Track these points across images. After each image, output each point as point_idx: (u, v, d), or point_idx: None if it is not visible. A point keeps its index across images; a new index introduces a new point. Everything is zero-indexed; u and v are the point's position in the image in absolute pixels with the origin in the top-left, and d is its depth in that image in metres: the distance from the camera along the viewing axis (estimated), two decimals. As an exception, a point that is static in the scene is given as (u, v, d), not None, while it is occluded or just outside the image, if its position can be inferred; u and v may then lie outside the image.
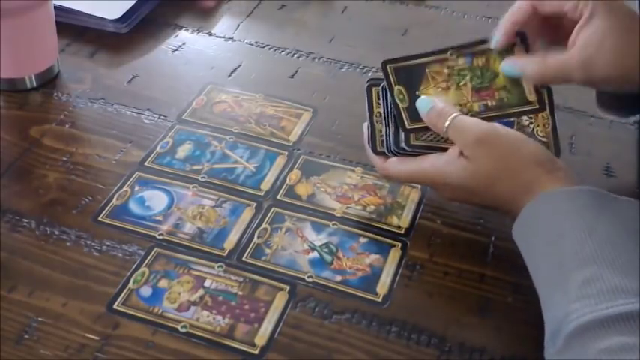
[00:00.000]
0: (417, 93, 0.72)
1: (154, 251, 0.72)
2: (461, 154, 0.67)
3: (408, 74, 0.73)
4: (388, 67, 0.73)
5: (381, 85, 0.74)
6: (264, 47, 1.01)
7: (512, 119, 0.73)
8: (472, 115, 0.69)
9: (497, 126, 0.67)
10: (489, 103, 0.71)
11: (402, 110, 0.72)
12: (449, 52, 0.74)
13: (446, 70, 0.73)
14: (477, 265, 0.71)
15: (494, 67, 0.72)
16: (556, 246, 0.59)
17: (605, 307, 0.54)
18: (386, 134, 0.73)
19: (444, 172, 0.68)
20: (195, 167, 0.81)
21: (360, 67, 0.97)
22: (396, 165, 0.72)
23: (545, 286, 0.61)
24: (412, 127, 0.71)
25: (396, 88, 0.72)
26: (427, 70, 0.73)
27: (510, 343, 0.67)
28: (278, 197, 0.78)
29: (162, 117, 0.88)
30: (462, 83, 0.72)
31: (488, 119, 0.69)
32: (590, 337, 0.54)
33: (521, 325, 0.68)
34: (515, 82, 0.71)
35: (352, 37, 1.04)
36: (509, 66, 0.71)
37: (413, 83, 0.73)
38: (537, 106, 0.71)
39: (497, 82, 0.72)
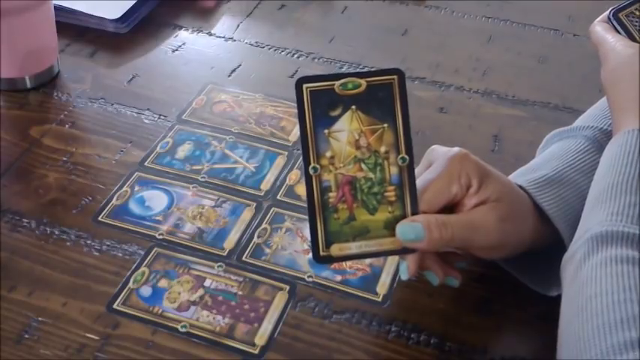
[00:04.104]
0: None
1: (153, 251, 0.72)
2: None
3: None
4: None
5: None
6: (264, 47, 1.01)
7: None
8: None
9: None
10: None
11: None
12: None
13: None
14: (477, 265, 0.71)
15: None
16: (622, 168, 0.58)
17: (634, 227, 0.53)
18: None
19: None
20: (195, 167, 0.81)
21: (360, 67, 0.97)
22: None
23: (592, 198, 0.59)
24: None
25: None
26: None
27: (510, 343, 0.67)
28: (278, 197, 0.78)
29: (162, 117, 0.88)
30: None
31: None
32: (600, 247, 0.53)
33: (521, 325, 0.68)
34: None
35: (352, 37, 1.04)
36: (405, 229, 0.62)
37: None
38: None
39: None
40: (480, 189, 0.63)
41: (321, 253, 0.62)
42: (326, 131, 0.61)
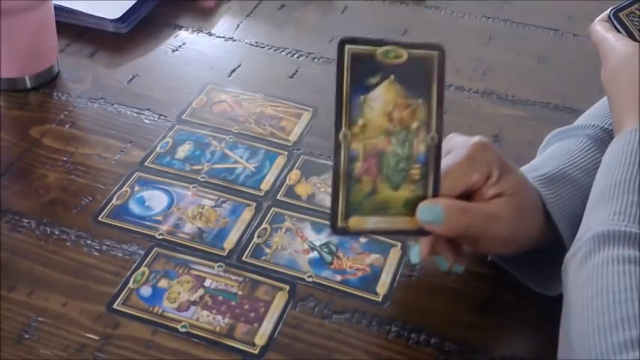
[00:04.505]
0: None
1: (153, 251, 0.72)
2: None
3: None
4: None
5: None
6: (264, 47, 1.01)
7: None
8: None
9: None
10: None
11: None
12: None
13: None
14: (477, 265, 0.71)
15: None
16: (624, 167, 0.58)
17: (636, 227, 0.53)
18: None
19: None
20: (195, 167, 0.81)
21: (360, 67, 0.97)
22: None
23: (594, 198, 0.59)
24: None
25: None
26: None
27: (510, 343, 0.67)
28: (278, 197, 0.78)
29: (162, 117, 0.88)
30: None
31: None
32: (601, 246, 0.53)
33: (521, 325, 0.68)
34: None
35: (352, 37, 1.04)
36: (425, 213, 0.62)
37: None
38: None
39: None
40: (499, 180, 0.63)
41: (339, 224, 0.61)
42: (362, 97, 0.60)
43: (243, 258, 0.72)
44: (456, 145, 0.65)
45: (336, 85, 0.60)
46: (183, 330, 0.65)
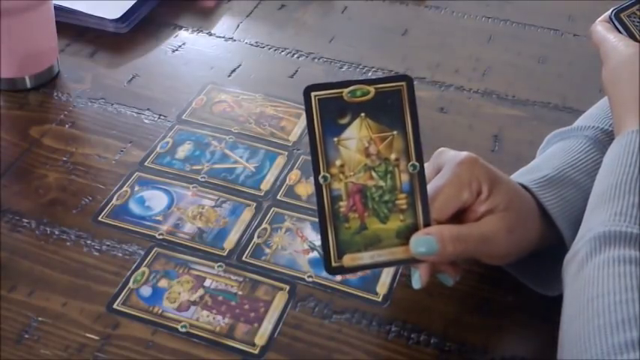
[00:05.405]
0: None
1: (153, 251, 0.72)
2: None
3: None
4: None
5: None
6: (264, 47, 1.01)
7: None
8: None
9: None
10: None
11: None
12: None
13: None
14: (476, 265, 0.71)
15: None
16: (625, 168, 0.58)
17: (637, 228, 0.53)
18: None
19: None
20: (195, 167, 0.81)
21: (360, 67, 0.97)
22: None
23: (594, 198, 0.59)
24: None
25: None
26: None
27: (510, 343, 0.67)
28: (278, 197, 0.78)
29: (162, 117, 0.88)
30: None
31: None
32: (602, 247, 0.53)
33: (521, 325, 0.68)
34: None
35: (352, 37, 1.04)
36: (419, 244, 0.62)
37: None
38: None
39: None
40: (490, 196, 0.62)
41: (333, 264, 0.61)
42: (335, 139, 0.60)
43: (243, 258, 0.72)
44: (445, 162, 0.64)
45: (308, 131, 0.60)
46: (183, 330, 0.66)
